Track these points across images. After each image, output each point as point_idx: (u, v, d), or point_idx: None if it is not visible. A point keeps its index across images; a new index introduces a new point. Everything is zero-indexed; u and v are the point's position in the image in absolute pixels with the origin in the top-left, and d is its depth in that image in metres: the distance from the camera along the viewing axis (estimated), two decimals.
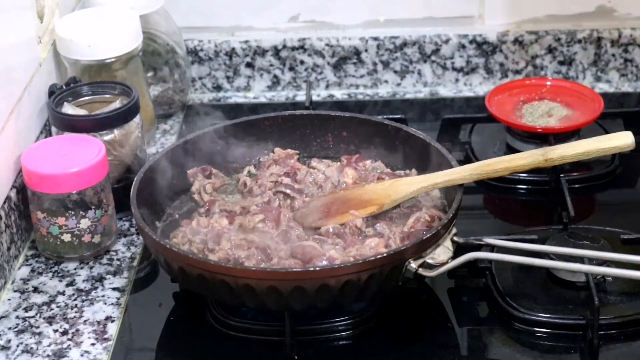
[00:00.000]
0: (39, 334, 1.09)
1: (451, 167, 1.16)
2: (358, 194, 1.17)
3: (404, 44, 1.53)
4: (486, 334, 1.09)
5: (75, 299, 1.14)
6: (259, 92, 1.55)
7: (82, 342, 1.08)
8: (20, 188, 1.20)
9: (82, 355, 1.06)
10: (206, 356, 1.07)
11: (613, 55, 1.53)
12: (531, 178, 1.30)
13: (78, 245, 1.19)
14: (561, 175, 1.26)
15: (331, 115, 1.28)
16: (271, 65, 1.54)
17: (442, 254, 1.08)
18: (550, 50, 1.53)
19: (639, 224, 1.23)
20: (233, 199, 1.21)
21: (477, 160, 1.27)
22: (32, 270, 1.19)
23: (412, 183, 1.16)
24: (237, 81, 1.55)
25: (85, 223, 1.18)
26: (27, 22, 1.28)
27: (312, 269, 1.04)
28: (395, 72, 1.54)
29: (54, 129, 1.25)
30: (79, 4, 1.45)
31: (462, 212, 1.11)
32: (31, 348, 1.07)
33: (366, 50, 1.53)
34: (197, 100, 1.54)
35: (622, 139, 1.20)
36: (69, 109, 1.25)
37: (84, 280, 1.17)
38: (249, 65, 1.54)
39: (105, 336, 1.09)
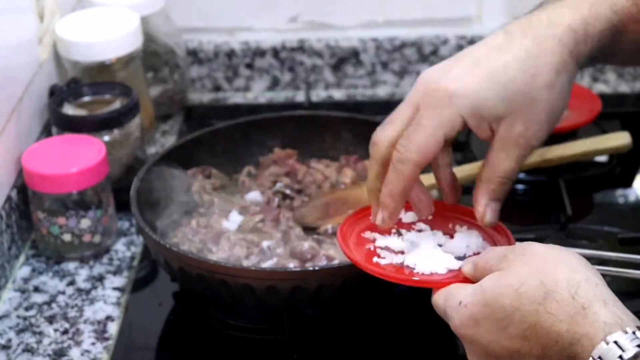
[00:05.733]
0: (40, 333, 1.10)
1: None
2: (356, 194, 1.18)
3: (403, 45, 1.53)
4: None
5: (75, 299, 1.14)
6: (258, 92, 1.56)
7: (82, 341, 1.08)
8: (21, 188, 1.20)
9: (82, 354, 1.07)
10: (206, 356, 1.07)
11: None
12: (529, 178, 1.30)
13: (78, 245, 1.19)
14: (559, 175, 1.27)
15: (330, 116, 1.29)
16: (270, 66, 1.54)
17: None
18: None
19: (636, 223, 1.24)
20: (233, 199, 1.21)
21: (476, 160, 1.28)
22: (33, 270, 1.19)
23: None
24: (237, 82, 1.56)
25: (85, 223, 1.18)
26: (28, 22, 1.29)
27: (311, 268, 1.05)
28: (394, 72, 1.55)
29: (54, 129, 1.26)
30: (79, 5, 1.45)
31: None
32: (32, 347, 1.08)
33: (365, 51, 1.54)
34: (197, 100, 1.55)
35: (619, 140, 1.20)
36: (69, 109, 1.26)
37: (84, 280, 1.17)
38: (249, 66, 1.54)
39: (106, 335, 1.09)
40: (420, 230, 0.97)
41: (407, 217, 0.98)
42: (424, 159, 0.88)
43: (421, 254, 0.93)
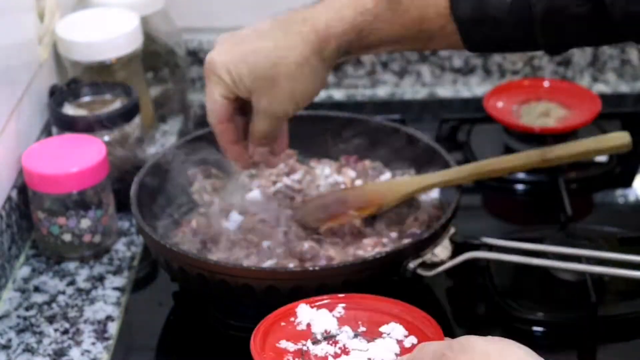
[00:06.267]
0: (40, 333, 1.10)
1: (449, 167, 1.16)
2: (357, 195, 1.18)
3: None
4: (484, 334, 1.09)
5: (75, 299, 1.15)
6: None
7: (82, 341, 1.09)
8: (21, 188, 1.20)
9: (82, 354, 1.07)
10: (206, 356, 1.07)
11: (610, 56, 1.53)
12: (529, 178, 1.30)
13: (78, 245, 1.19)
14: (559, 175, 1.27)
15: (330, 116, 1.29)
16: None
17: (440, 253, 1.09)
18: None
19: (636, 223, 1.24)
20: (233, 199, 1.21)
21: (476, 160, 1.28)
22: (33, 270, 1.19)
23: (410, 183, 1.17)
24: None
25: (85, 223, 1.18)
26: (28, 22, 1.29)
27: (311, 268, 1.05)
28: (394, 72, 1.55)
29: (54, 129, 1.26)
30: (79, 5, 1.45)
31: (461, 211, 1.11)
32: (32, 347, 1.08)
33: None
34: (197, 100, 1.55)
35: (619, 140, 1.20)
36: (69, 109, 1.26)
37: (84, 280, 1.17)
38: None
39: (106, 335, 1.09)
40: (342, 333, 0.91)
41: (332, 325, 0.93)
42: (218, 117, 1.05)
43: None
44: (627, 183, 1.34)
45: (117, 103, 1.27)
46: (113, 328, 1.10)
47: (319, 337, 0.91)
